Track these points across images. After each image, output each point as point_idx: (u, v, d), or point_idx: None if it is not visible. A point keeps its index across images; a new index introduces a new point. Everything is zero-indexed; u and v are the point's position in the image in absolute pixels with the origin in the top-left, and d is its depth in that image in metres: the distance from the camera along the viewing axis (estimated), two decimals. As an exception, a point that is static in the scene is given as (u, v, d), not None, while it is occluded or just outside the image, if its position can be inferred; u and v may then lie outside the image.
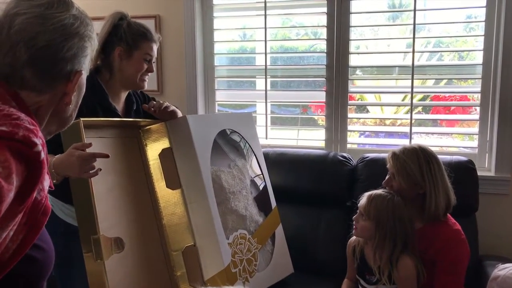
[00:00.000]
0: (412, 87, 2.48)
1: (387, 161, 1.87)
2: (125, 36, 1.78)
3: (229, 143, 2.03)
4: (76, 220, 1.52)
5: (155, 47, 1.85)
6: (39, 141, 0.83)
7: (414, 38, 2.44)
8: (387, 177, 1.86)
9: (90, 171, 1.43)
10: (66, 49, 0.93)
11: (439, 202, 1.78)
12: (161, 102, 1.88)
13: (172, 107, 1.88)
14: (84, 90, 1.04)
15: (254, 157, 2.14)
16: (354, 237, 1.88)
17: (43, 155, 0.82)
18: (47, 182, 0.88)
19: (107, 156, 1.46)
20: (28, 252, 0.86)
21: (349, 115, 2.65)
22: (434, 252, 1.76)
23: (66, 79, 0.95)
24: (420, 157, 1.80)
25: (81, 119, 1.49)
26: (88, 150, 1.45)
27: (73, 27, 0.95)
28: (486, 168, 2.43)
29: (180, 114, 1.91)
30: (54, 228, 1.77)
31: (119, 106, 1.87)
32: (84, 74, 1.01)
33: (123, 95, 1.90)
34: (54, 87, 0.94)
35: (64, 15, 0.94)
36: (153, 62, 1.87)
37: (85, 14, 1.00)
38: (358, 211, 1.80)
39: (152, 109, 1.86)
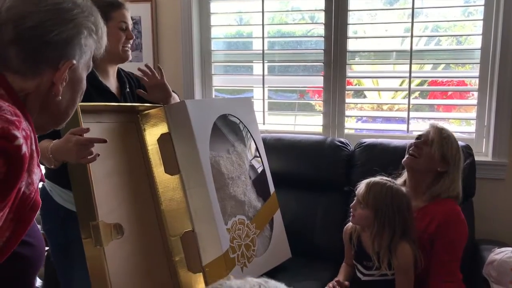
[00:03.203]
0: (410, 72, 2.47)
1: (426, 130, 1.90)
2: None
3: (229, 126, 2.02)
4: (75, 205, 1.51)
5: (127, 13, 1.83)
6: (21, 133, 0.78)
7: (412, 22, 2.42)
8: (421, 141, 1.88)
9: (88, 157, 1.42)
10: (56, 33, 0.88)
11: (456, 185, 1.85)
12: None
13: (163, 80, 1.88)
14: (82, 87, 0.99)
15: (253, 142, 2.13)
16: (350, 224, 1.88)
17: (24, 149, 0.78)
18: (37, 175, 0.84)
19: (105, 141, 1.45)
20: (15, 249, 0.83)
21: (347, 100, 2.65)
22: (433, 230, 1.78)
23: (53, 67, 0.90)
24: (457, 142, 1.89)
25: (79, 103, 1.47)
26: (85, 135, 1.44)
27: (70, 13, 0.90)
28: (483, 153, 2.43)
29: (168, 87, 1.91)
30: (53, 213, 1.79)
31: (111, 84, 1.86)
32: (80, 68, 0.95)
33: (112, 74, 1.89)
34: (39, 72, 0.89)
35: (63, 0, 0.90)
36: (130, 29, 1.85)
37: (91, 6, 0.96)
38: (355, 198, 1.80)
39: (145, 76, 1.86)
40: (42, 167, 1.57)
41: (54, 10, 0.89)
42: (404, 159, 1.90)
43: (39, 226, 1.84)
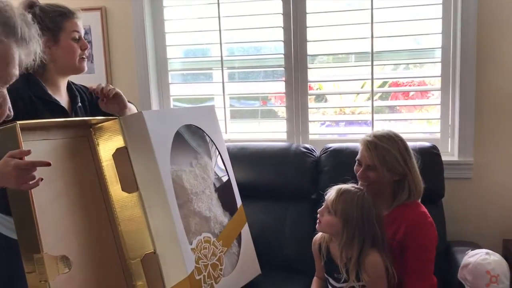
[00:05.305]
0: (372, 73, 2.43)
1: (360, 152, 1.77)
2: (44, 22, 1.62)
3: (193, 136, 1.91)
4: (16, 235, 1.36)
5: (79, 22, 1.72)
6: None
7: (372, 23, 2.38)
8: (361, 168, 1.77)
9: (30, 182, 1.25)
10: None
11: (419, 180, 1.75)
12: (102, 84, 1.78)
13: (116, 90, 1.79)
14: None
15: (217, 153, 2.02)
16: (319, 234, 1.80)
17: None
18: None
19: (48, 164, 1.29)
20: None
21: (310, 105, 2.58)
22: (401, 237, 1.71)
23: None
24: (398, 142, 1.73)
25: (18, 122, 1.32)
26: (28, 158, 1.28)
27: None
28: (449, 153, 2.42)
29: (125, 99, 1.82)
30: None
31: (62, 98, 1.74)
32: None
33: (63, 86, 1.76)
34: None
35: None
36: (84, 39, 1.75)
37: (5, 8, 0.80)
38: (324, 203, 1.72)
39: (97, 93, 1.77)
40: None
41: None
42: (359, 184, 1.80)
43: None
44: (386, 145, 1.72)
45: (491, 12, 2.25)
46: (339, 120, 2.80)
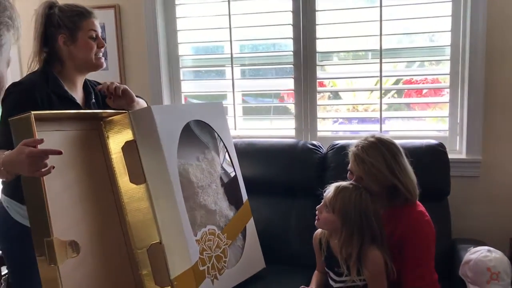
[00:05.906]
0: (380, 71, 2.44)
1: (350, 163, 1.77)
2: (62, 21, 1.73)
3: (203, 132, 1.95)
4: (29, 220, 1.42)
5: (96, 22, 1.80)
6: None
7: (381, 20, 2.39)
8: (353, 177, 1.76)
9: (42, 169, 1.32)
10: None
11: (413, 186, 1.73)
12: (107, 82, 1.84)
13: (123, 86, 1.84)
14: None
15: (224, 149, 2.06)
16: (319, 229, 1.82)
17: None
18: None
19: (60, 152, 1.36)
20: None
21: (319, 102, 2.60)
22: (399, 236, 1.71)
23: None
24: (385, 153, 1.71)
25: (32, 112, 1.39)
26: (40, 147, 1.35)
27: None
28: (457, 151, 2.41)
29: (133, 94, 1.87)
30: (11, 232, 1.69)
31: (78, 95, 1.82)
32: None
33: (80, 83, 1.84)
34: None
35: None
36: (101, 37, 1.84)
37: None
38: (322, 201, 1.74)
39: (104, 92, 1.83)
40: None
41: None
42: None
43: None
44: (371, 159, 1.70)
45: (500, 10, 2.24)
46: (349, 117, 2.81)
